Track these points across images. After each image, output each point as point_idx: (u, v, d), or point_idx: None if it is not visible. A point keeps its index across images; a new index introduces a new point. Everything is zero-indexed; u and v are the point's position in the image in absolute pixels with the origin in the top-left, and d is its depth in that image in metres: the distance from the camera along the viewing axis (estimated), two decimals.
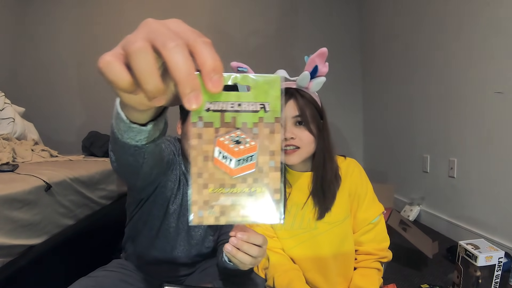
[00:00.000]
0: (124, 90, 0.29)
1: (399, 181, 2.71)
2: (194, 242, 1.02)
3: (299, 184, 0.98)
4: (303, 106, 0.89)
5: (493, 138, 1.73)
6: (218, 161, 0.31)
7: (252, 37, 3.21)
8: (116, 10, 3.08)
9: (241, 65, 0.90)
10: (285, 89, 0.91)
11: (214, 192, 0.31)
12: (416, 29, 2.41)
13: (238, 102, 0.31)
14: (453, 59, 2.02)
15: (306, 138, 0.90)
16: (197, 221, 0.31)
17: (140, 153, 0.54)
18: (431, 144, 2.29)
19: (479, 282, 1.13)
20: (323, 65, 0.87)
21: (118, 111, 0.41)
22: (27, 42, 3.01)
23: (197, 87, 0.28)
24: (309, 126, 0.89)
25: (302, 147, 0.90)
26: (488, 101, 1.75)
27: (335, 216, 0.96)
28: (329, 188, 0.94)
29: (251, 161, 0.31)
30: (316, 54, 0.86)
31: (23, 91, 2.89)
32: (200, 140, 0.31)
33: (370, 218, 0.99)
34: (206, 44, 0.28)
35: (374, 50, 3.11)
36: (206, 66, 0.27)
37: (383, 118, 3.00)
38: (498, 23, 1.67)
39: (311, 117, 0.90)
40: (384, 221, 1.03)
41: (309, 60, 0.88)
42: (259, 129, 0.31)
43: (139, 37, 0.27)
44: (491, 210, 1.76)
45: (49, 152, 1.83)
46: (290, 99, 0.89)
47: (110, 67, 0.28)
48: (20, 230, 1.04)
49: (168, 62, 0.27)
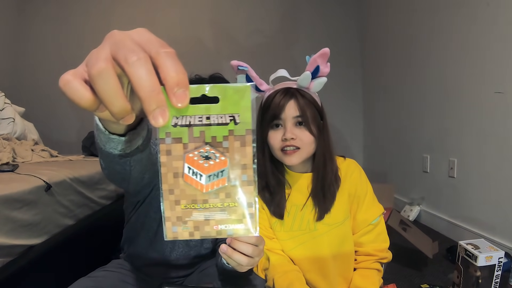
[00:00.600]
0: (87, 108, 0.28)
1: (399, 181, 2.71)
2: (192, 243, 1.02)
3: (298, 185, 0.97)
4: (304, 106, 0.88)
5: (493, 138, 1.73)
6: (189, 177, 0.30)
7: (253, 36, 3.21)
8: (117, 10, 3.08)
9: (242, 64, 0.89)
10: (286, 89, 0.91)
11: (187, 208, 0.31)
12: (416, 29, 2.41)
13: (206, 115, 0.30)
14: (453, 59, 2.02)
15: (307, 139, 0.90)
16: (171, 236, 0.31)
17: (126, 161, 0.53)
18: (431, 144, 2.29)
19: (479, 282, 1.13)
20: (325, 65, 0.87)
21: (96, 122, 0.40)
22: (27, 42, 3.01)
23: (162, 103, 0.26)
24: (310, 127, 0.89)
25: (302, 148, 0.90)
26: (488, 101, 1.75)
27: (334, 217, 0.96)
28: (329, 189, 0.94)
29: (222, 176, 0.31)
30: (318, 54, 0.85)
31: (23, 91, 2.89)
32: (169, 156, 0.30)
33: (370, 219, 0.99)
34: (169, 55, 0.26)
35: (375, 50, 3.11)
36: (169, 80, 0.26)
37: (383, 118, 3.00)
38: (498, 23, 1.67)
39: (312, 117, 0.89)
40: (384, 222, 1.03)
41: (310, 60, 0.87)
42: (229, 143, 0.30)
43: (101, 55, 0.26)
44: (491, 210, 1.76)
45: (49, 152, 1.83)
46: (291, 99, 0.89)
47: (70, 86, 0.27)
48: (20, 230, 1.04)
49: (131, 78, 0.25)
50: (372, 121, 3.24)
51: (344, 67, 3.29)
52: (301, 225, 0.97)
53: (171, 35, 3.15)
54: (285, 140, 0.88)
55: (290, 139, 0.88)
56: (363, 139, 3.40)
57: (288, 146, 0.89)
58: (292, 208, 0.97)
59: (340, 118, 3.31)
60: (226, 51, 3.13)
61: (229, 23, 3.20)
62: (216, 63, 2.96)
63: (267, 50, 3.18)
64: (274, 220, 0.99)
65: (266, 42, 3.22)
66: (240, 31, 3.20)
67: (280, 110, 0.88)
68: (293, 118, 0.89)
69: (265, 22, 3.24)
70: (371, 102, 3.23)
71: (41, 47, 3.03)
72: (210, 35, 3.17)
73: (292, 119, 0.89)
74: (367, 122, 3.34)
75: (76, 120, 3.04)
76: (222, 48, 3.16)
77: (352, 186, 0.98)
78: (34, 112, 2.53)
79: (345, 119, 3.35)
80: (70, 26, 3.05)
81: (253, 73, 0.91)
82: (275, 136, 0.91)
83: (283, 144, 0.89)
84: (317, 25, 3.29)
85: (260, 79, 0.94)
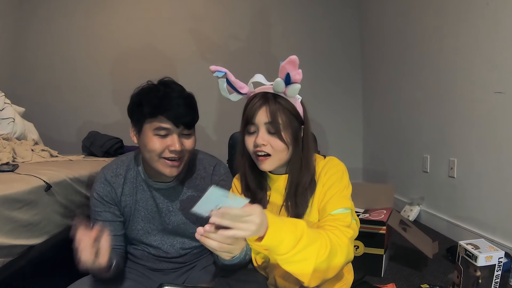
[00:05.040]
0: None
1: (399, 181, 2.71)
2: (169, 236, 1.07)
3: (277, 186, 0.97)
4: (276, 112, 0.87)
5: (493, 138, 1.73)
6: None
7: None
8: (116, 10, 3.08)
9: (220, 69, 0.90)
10: (263, 93, 0.90)
11: None
12: (416, 29, 2.41)
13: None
14: (453, 58, 2.02)
15: (277, 146, 0.88)
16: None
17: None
18: (431, 144, 2.29)
19: (479, 282, 1.13)
20: (296, 72, 0.85)
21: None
22: (27, 42, 3.01)
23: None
24: (280, 134, 0.88)
25: (273, 155, 0.89)
26: (488, 101, 1.75)
27: (313, 216, 0.93)
28: (302, 196, 0.91)
29: None
30: (286, 61, 0.83)
31: (23, 91, 2.89)
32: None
33: (330, 210, 0.88)
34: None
35: (374, 50, 3.11)
36: None
37: (383, 118, 3.00)
38: (498, 23, 1.67)
39: (284, 124, 0.88)
40: (350, 219, 0.88)
41: (280, 67, 0.86)
42: None
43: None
44: (491, 210, 1.76)
45: (49, 152, 1.83)
46: (263, 105, 0.88)
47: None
48: (20, 230, 1.04)
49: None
50: (372, 121, 3.24)
51: (344, 67, 3.29)
52: None
53: (166, 35, 3.16)
54: (256, 145, 0.88)
55: (261, 145, 0.87)
56: (363, 139, 3.40)
57: (260, 151, 0.89)
58: (274, 208, 0.97)
59: (340, 118, 3.31)
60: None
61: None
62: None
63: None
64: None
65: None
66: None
67: (252, 115, 0.88)
68: (265, 124, 0.88)
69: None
70: (371, 102, 3.23)
71: (41, 47, 3.03)
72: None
73: (263, 125, 0.88)
74: (367, 122, 3.34)
75: (76, 120, 3.05)
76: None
77: (325, 179, 0.94)
78: (34, 112, 2.53)
79: (345, 119, 3.35)
80: (70, 26, 3.05)
81: (232, 77, 0.92)
82: (249, 140, 0.91)
83: (256, 149, 0.89)
84: (317, 25, 3.29)
85: (241, 82, 0.94)
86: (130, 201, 1.02)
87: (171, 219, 1.03)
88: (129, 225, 1.04)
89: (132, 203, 1.02)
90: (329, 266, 0.77)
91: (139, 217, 1.03)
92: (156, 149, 0.91)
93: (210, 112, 3.10)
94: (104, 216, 1.01)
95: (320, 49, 3.26)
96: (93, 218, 1.03)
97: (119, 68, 3.08)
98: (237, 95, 0.96)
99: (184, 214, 1.04)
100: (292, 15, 3.26)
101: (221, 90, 0.94)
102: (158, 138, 0.92)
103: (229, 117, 1.86)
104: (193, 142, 0.98)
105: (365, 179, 3.31)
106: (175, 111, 0.91)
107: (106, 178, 1.02)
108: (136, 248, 1.07)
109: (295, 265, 0.74)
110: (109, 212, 1.01)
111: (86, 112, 3.06)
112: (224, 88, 0.93)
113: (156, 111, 0.90)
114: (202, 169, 1.06)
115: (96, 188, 1.02)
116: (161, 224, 1.04)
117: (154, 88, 0.94)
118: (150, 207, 1.03)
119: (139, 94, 0.95)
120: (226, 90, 0.94)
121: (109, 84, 3.07)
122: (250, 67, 1.89)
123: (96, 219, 1.02)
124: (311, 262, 0.73)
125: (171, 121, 0.91)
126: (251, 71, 0.93)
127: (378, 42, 3.03)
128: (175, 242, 1.06)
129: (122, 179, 1.02)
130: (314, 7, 3.29)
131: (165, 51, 3.11)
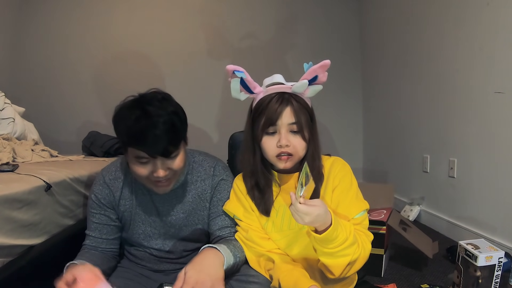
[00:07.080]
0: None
1: (399, 181, 2.70)
2: (171, 239, 1.06)
3: (287, 186, 0.98)
4: (299, 112, 0.90)
5: (493, 138, 1.73)
6: None
7: (248, 40, 3.20)
8: (115, 10, 3.08)
9: (238, 69, 0.90)
10: (280, 94, 0.91)
11: None
12: (416, 29, 2.40)
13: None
14: (453, 58, 2.02)
15: (299, 145, 0.91)
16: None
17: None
18: (431, 144, 2.29)
19: (479, 282, 1.13)
20: (323, 74, 0.89)
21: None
22: (27, 42, 3.01)
23: None
24: (303, 133, 0.91)
25: (294, 154, 0.91)
26: (488, 101, 1.75)
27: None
28: (314, 189, 0.94)
29: None
30: (319, 65, 0.86)
31: (23, 91, 2.89)
32: None
33: (352, 214, 0.94)
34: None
35: (374, 50, 3.11)
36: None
37: (383, 118, 3.00)
38: (498, 23, 1.67)
39: (305, 123, 0.91)
40: (368, 219, 0.98)
41: (310, 70, 0.88)
42: None
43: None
44: (491, 210, 1.76)
45: (49, 152, 1.83)
46: (287, 106, 0.90)
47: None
48: (20, 230, 1.04)
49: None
50: (372, 121, 3.24)
51: (344, 67, 3.29)
52: (290, 224, 0.97)
53: (169, 35, 3.15)
54: (280, 147, 0.89)
55: (285, 146, 0.89)
56: (363, 139, 3.39)
57: (283, 153, 0.90)
58: (281, 208, 0.98)
59: (340, 118, 3.31)
60: (221, 54, 3.13)
61: (225, 26, 3.18)
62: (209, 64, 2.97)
63: (259, 53, 3.17)
64: (264, 221, 0.99)
65: (259, 45, 3.20)
66: (235, 34, 3.19)
67: (276, 117, 0.89)
68: (288, 125, 0.90)
69: (258, 24, 3.22)
70: (371, 102, 3.23)
71: (41, 47, 3.03)
72: (204, 36, 3.16)
73: (287, 125, 0.90)
74: (367, 122, 3.34)
75: (76, 120, 3.04)
76: (218, 51, 3.15)
77: (335, 181, 0.98)
78: (34, 112, 2.53)
79: (345, 119, 3.34)
80: (70, 26, 3.04)
81: (248, 77, 0.92)
82: (270, 142, 0.91)
83: (279, 150, 0.90)
84: (316, 24, 3.29)
85: (255, 83, 0.94)
86: (129, 205, 1.02)
87: (173, 223, 1.03)
88: (129, 229, 1.03)
89: (131, 207, 1.02)
90: (356, 265, 0.88)
91: (139, 221, 1.03)
92: (140, 174, 0.89)
93: (210, 112, 3.09)
94: (99, 219, 1.01)
95: (320, 49, 3.25)
96: (89, 219, 1.03)
97: (119, 68, 3.07)
98: (245, 94, 0.95)
99: (186, 217, 1.03)
100: (292, 15, 3.26)
101: (233, 90, 0.92)
102: (140, 164, 0.88)
103: (229, 117, 1.86)
104: (182, 160, 0.93)
105: (365, 179, 3.30)
106: (150, 146, 0.84)
107: (105, 180, 1.02)
108: (137, 249, 1.07)
109: (336, 259, 0.84)
110: (104, 215, 1.01)
111: (86, 112, 3.06)
112: (237, 88, 0.92)
113: (132, 142, 0.85)
114: (203, 171, 1.05)
115: (94, 190, 1.02)
116: (162, 228, 1.04)
117: (130, 114, 0.85)
118: (150, 211, 1.02)
119: (117, 116, 0.88)
120: (239, 90, 0.93)
121: (109, 84, 3.07)
122: (250, 67, 1.89)
123: (91, 220, 1.02)
124: (348, 258, 0.84)
125: (148, 154, 0.86)
126: (250, 70, 0.92)
127: (378, 42, 3.03)
128: (177, 244, 1.05)
129: (121, 182, 1.02)
130: (314, 7, 3.29)
131: (165, 51, 3.10)
